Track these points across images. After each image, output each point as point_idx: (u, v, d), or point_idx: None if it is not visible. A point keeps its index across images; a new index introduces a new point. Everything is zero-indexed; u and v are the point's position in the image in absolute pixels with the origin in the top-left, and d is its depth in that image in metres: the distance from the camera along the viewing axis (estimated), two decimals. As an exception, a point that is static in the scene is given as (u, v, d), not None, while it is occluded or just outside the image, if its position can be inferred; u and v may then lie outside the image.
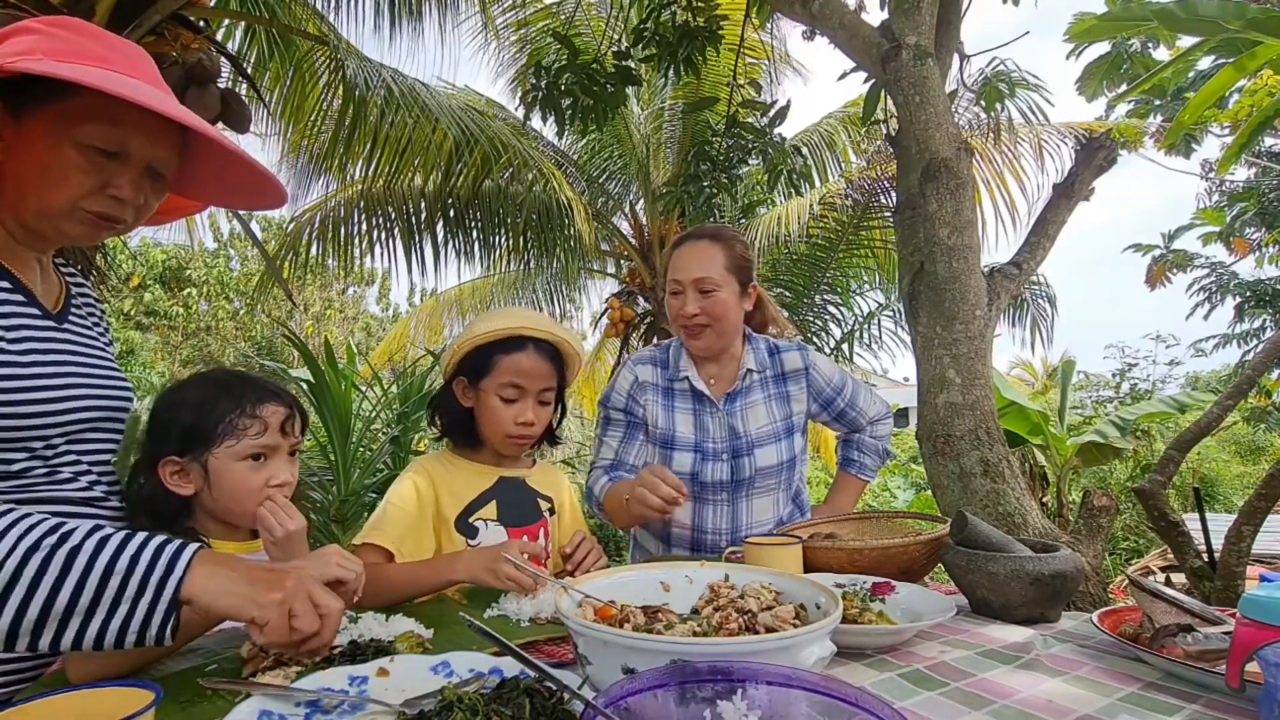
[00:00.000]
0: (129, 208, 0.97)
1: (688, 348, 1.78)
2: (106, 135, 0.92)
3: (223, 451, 1.08)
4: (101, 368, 1.07)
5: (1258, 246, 8.49)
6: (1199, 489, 3.13)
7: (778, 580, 0.90)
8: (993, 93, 2.98)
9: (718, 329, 1.69)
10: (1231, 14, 1.48)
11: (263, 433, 1.10)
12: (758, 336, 1.84)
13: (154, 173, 0.99)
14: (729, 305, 1.68)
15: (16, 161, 0.92)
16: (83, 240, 1.01)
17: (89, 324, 1.12)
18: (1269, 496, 1.96)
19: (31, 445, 0.94)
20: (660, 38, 3.36)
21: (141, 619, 0.76)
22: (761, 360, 1.78)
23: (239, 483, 1.08)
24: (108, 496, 1.05)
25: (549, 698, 0.67)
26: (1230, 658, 0.74)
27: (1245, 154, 1.93)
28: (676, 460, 1.73)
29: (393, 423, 4.23)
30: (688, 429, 1.74)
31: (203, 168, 1.07)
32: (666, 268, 1.79)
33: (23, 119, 0.91)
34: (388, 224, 5.91)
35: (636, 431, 1.78)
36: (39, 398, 0.92)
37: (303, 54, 4.38)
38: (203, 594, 0.78)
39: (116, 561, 0.77)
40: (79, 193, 0.93)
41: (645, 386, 1.78)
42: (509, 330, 1.38)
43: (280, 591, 0.80)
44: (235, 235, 14.43)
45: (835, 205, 6.23)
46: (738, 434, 1.73)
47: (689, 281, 1.66)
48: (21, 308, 0.96)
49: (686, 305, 1.67)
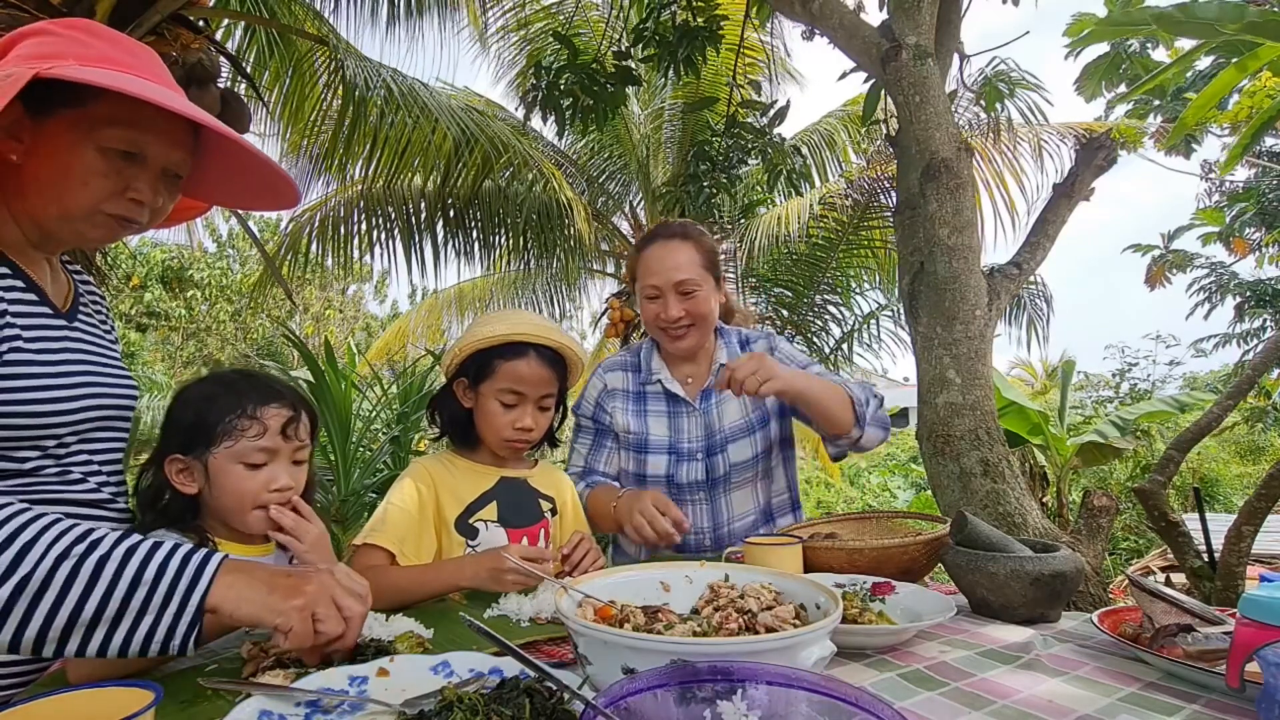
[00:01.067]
0: (146, 210, 0.98)
1: (666, 349, 1.75)
2: (127, 139, 0.92)
3: (222, 452, 1.06)
4: (110, 366, 1.07)
5: (1258, 246, 8.50)
6: (1199, 489, 3.13)
7: (778, 580, 0.90)
8: (993, 93, 2.98)
9: (701, 329, 1.66)
10: (1230, 17, 1.48)
11: (261, 435, 1.07)
12: (729, 329, 1.80)
13: (170, 174, 1.00)
14: (710, 303, 1.66)
15: (36, 164, 0.92)
16: (100, 242, 1.01)
17: (96, 322, 1.12)
18: (1269, 496, 1.96)
19: (44, 444, 0.94)
20: (660, 38, 3.36)
21: (166, 629, 0.76)
22: (734, 354, 1.74)
23: (236, 485, 1.07)
24: (115, 498, 1.04)
25: (549, 698, 0.67)
26: (1230, 658, 0.74)
27: (1245, 154, 1.93)
28: (651, 463, 1.71)
29: (393, 423, 4.22)
30: (662, 431, 1.73)
31: (211, 169, 1.08)
32: (634, 271, 1.72)
33: (42, 121, 0.91)
34: (387, 224, 5.91)
35: (605, 439, 1.77)
36: (53, 396, 0.93)
37: (302, 54, 4.38)
38: (225, 603, 0.78)
39: (145, 570, 0.76)
40: (100, 196, 0.93)
41: (614, 393, 1.76)
42: (510, 336, 1.38)
43: (301, 597, 0.80)
44: (235, 235, 14.43)
45: (835, 205, 6.23)
46: (713, 432, 1.71)
47: (669, 285, 1.62)
48: (35, 307, 0.96)
49: (669, 309, 1.62)
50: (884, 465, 11.62)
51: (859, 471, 11.09)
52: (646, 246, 1.69)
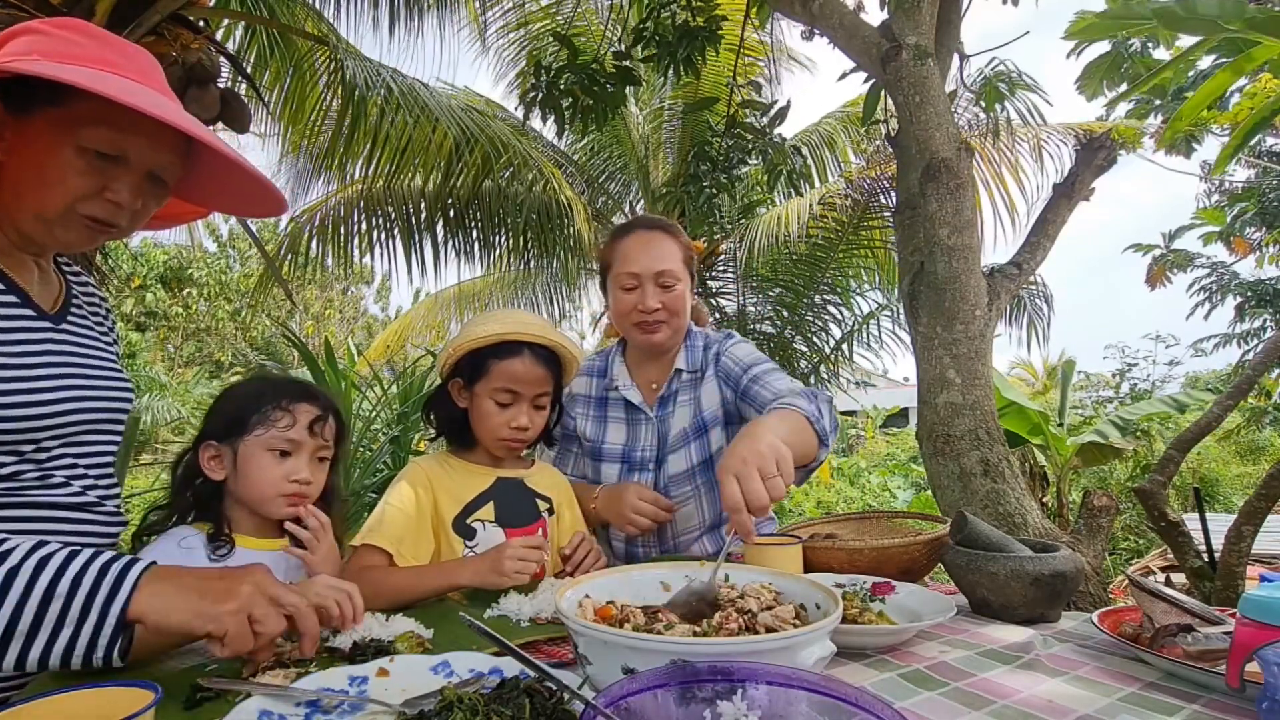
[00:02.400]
0: (125, 212, 0.96)
1: (634, 348, 1.70)
2: (107, 139, 0.91)
3: (253, 439, 1.13)
4: (101, 368, 1.06)
5: (1258, 246, 8.50)
6: (1199, 489, 3.14)
7: (778, 580, 0.90)
8: (992, 93, 2.98)
9: (674, 325, 1.61)
10: (1231, 13, 1.48)
11: (290, 426, 1.14)
12: (697, 332, 1.73)
13: (155, 178, 0.98)
14: (686, 300, 1.62)
15: (15, 162, 0.92)
16: (76, 246, 1.00)
17: (91, 323, 1.11)
18: (1269, 496, 1.96)
19: (20, 448, 0.92)
20: (660, 38, 3.36)
21: (87, 641, 0.75)
22: (694, 359, 1.68)
23: (259, 472, 1.13)
24: (102, 501, 1.03)
25: (549, 698, 0.67)
26: (1230, 658, 0.74)
27: (1245, 154, 1.93)
28: (605, 471, 1.68)
29: (393, 423, 4.22)
30: (619, 438, 1.69)
31: (207, 173, 1.07)
32: (608, 260, 1.64)
33: (24, 120, 0.91)
34: (387, 224, 5.91)
35: (569, 444, 1.76)
36: (28, 400, 0.91)
37: (302, 54, 4.38)
38: (151, 612, 0.76)
39: (58, 583, 0.75)
40: (75, 195, 0.92)
41: (576, 399, 1.74)
42: (505, 335, 1.38)
43: (234, 600, 0.78)
44: (235, 235, 14.44)
45: (835, 205, 6.23)
46: (665, 441, 1.66)
47: (649, 274, 1.56)
48: (14, 308, 0.95)
49: (647, 299, 1.56)
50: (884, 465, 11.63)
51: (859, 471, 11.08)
52: (624, 236, 1.63)
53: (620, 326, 1.66)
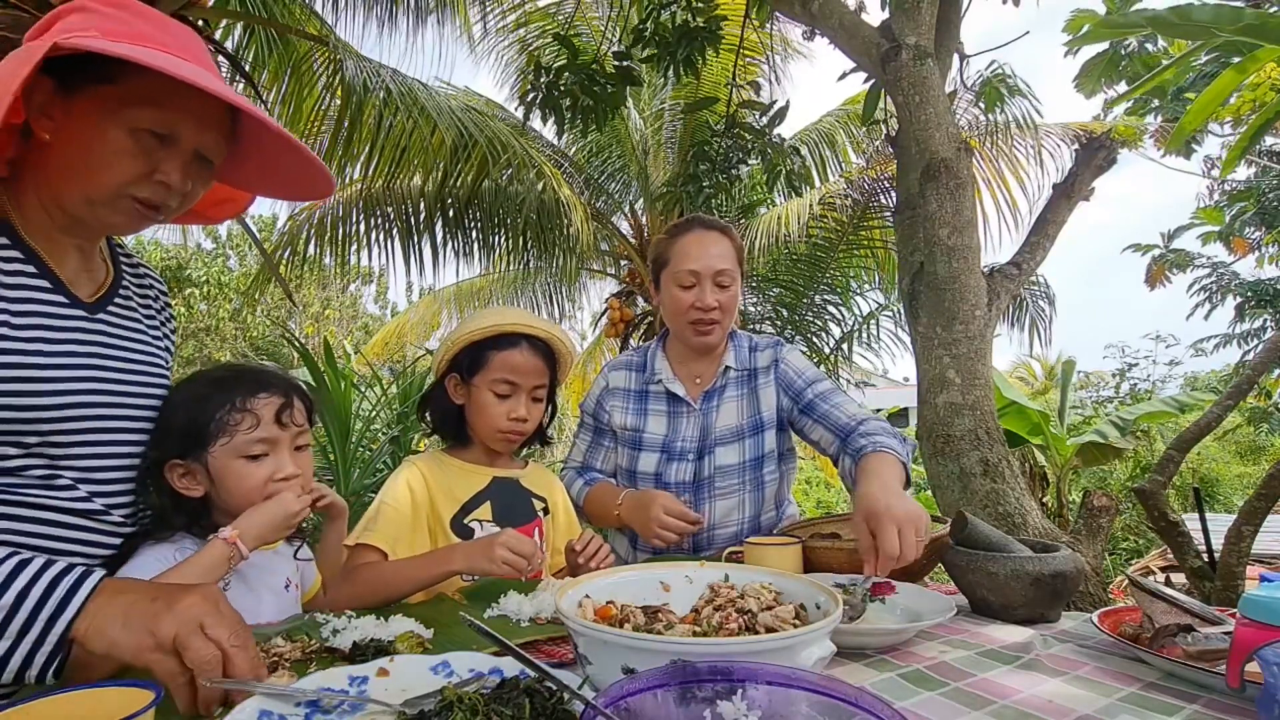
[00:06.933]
0: (175, 194, 0.94)
1: (683, 345, 1.73)
2: (159, 118, 0.88)
3: (220, 450, 1.04)
4: (136, 363, 1.01)
5: (1258, 246, 8.49)
6: (1199, 489, 3.13)
7: (778, 580, 0.90)
8: (992, 94, 2.98)
9: (726, 324, 1.66)
10: (1226, 20, 1.47)
11: (255, 426, 1.05)
12: (741, 333, 1.79)
13: (202, 158, 0.95)
14: (738, 300, 1.66)
15: (64, 143, 0.88)
16: (124, 230, 0.97)
17: (140, 315, 1.06)
18: (1269, 496, 1.96)
19: (25, 440, 0.87)
20: (660, 38, 3.36)
21: (22, 657, 0.73)
22: (741, 358, 1.74)
23: (240, 481, 1.05)
24: (110, 510, 0.97)
25: (549, 698, 0.67)
26: (1230, 658, 0.74)
27: (1245, 155, 1.92)
28: (643, 460, 1.71)
29: (393, 423, 4.23)
30: (659, 428, 1.72)
31: (250, 157, 1.03)
32: (665, 256, 1.68)
33: (73, 99, 0.87)
34: (386, 224, 5.91)
35: (602, 438, 1.79)
36: (37, 389, 0.87)
37: (301, 54, 4.38)
38: (89, 637, 0.73)
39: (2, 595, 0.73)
40: (127, 177, 0.89)
41: (614, 393, 1.76)
42: (503, 327, 1.39)
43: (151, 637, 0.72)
44: (233, 235, 14.43)
45: (835, 205, 6.22)
46: (708, 433, 1.70)
47: (709, 273, 1.59)
48: (43, 294, 0.91)
49: (706, 297, 1.60)
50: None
51: (859, 471, 11.11)
52: (684, 233, 1.66)
53: (674, 324, 1.70)
